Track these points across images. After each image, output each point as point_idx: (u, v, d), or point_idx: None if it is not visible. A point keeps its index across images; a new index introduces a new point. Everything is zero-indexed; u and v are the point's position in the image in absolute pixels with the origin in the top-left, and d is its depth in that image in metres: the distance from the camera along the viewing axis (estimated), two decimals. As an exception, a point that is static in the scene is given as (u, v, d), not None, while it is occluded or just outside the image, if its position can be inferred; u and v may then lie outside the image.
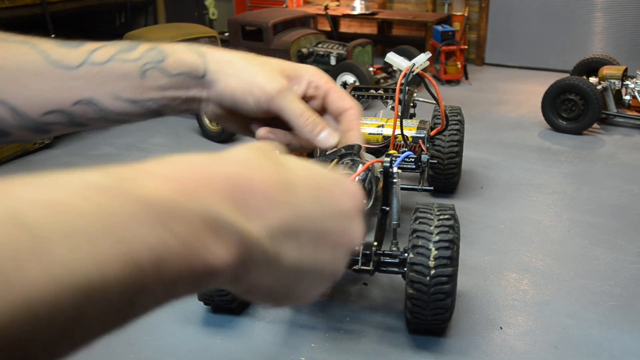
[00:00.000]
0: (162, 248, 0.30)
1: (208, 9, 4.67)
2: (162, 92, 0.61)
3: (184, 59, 0.60)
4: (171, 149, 2.59)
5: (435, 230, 1.21)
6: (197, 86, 0.62)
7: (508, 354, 1.30)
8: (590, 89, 2.64)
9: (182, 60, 0.60)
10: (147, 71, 0.59)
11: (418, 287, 1.21)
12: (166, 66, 0.59)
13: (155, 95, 0.61)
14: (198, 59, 0.60)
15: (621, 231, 1.84)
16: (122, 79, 0.58)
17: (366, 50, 3.44)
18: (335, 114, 0.68)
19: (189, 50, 0.61)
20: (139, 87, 0.59)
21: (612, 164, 2.42)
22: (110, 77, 0.58)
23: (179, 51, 0.60)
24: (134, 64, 0.58)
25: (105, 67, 0.57)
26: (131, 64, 0.58)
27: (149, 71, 0.59)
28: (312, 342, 1.33)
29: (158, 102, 0.61)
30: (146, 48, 0.59)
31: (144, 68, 0.59)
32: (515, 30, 4.15)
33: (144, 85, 0.59)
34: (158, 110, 0.63)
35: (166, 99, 0.61)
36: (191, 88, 0.62)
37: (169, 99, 0.62)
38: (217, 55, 0.61)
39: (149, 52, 0.59)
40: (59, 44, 0.56)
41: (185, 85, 0.61)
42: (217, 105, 0.64)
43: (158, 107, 0.62)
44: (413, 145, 1.58)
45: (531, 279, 1.59)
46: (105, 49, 0.58)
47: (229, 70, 0.61)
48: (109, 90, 0.58)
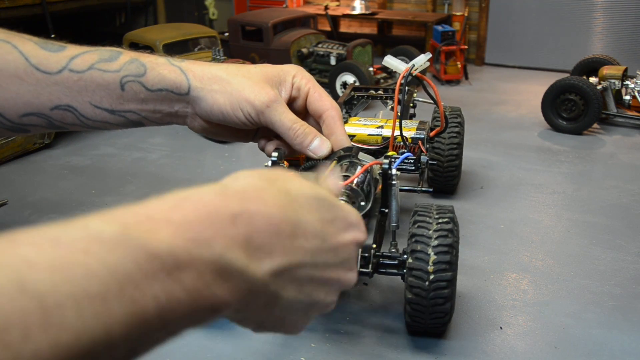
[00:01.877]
0: (169, 300, 0.29)
1: (208, 9, 4.67)
2: (142, 105, 0.60)
3: (165, 74, 0.59)
4: (171, 149, 2.59)
5: (434, 235, 1.20)
6: (181, 102, 0.61)
7: (508, 354, 1.30)
8: (590, 89, 2.64)
9: (162, 76, 0.59)
10: (127, 84, 0.58)
11: (417, 292, 1.21)
12: (146, 81, 0.58)
13: (134, 107, 0.60)
14: (180, 76, 0.59)
15: (621, 231, 1.84)
16: (102, 89, 0.57)
17: (366, 50, 3.44)
18: (315, 115, 0.67)
19: (171, 65, 0.60)
20: (119, 98, 0.58)
21: (612, 164, 2.42)
22: (89, 85, 0.57)
23: (160, 66, 0.59)
24: (113, 74, 0.57)
25: (85, 75, 0.56)
26: (111, 75, 0.57)
27: (128, 84, 0.58)
28: (311, 343, 1.33)
29: (138, 113, 0.61)
30: (127, 59, 0.58)
31: (124, 80, 0.58)
32: (515, 30, 4.14)
33: (124, 97, 0.59)
34: (139, 121, 0.62)
35: (147, 111, 0.61)
36: (174, 104, 0.61)
37: (150, 112, 0.61)
38: (199, 71, 0.60)
39: (129, 64, 0.58)
40: (41, 46, 0.55)
41: (167, 101, 0.60)
42: (205, 120, 0.63)
43: (138, 119, 0.61)
44: (412, 147, 1.58)
45: (531, 279, 1.59)
46: (85, 56, 0.57)
47: (214, 86, 0.60)
48: (88, 99, 0.58)
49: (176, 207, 0.33)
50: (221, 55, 3.02)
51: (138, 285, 0.28)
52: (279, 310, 0.39)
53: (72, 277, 0.25)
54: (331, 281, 0.42)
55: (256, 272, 0.35)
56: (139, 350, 0.29)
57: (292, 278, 0.38)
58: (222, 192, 0.36)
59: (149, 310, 0.28)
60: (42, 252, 0.25)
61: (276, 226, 0.37)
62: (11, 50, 0.54)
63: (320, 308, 0.43)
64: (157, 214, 0.32)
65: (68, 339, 0.24)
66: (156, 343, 0.31)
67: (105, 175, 2.34)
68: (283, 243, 0.37)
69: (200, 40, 3.19)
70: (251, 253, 0.35)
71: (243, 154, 2.48)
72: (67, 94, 0.56)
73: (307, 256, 0.39)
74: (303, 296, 0.40)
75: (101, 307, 0.26)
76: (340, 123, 0.67)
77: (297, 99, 0.66)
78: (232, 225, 0.34)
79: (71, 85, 0.56)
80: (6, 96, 0.55)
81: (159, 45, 2.96)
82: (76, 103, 0.57)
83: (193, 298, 0.31)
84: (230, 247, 0.33)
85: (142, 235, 0.29)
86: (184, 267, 0.30)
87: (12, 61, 0.54)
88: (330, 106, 0.66)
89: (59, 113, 0.57)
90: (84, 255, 0.26)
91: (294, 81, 0.64)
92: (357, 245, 0.44)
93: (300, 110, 0.67)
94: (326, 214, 0.42)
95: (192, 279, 0.31)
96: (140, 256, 0.28)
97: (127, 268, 0.28)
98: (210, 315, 0.33)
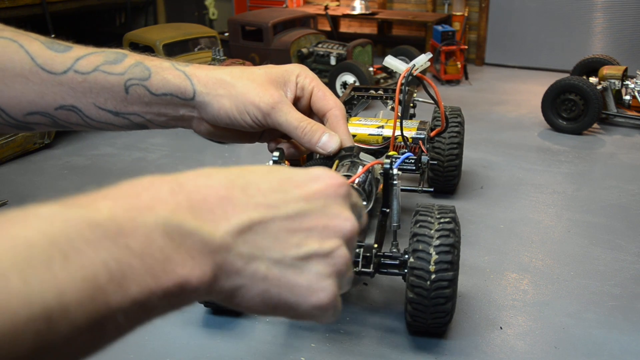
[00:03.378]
0: (119, 266, 0.30)
1: (208, 9, 4.67)
2: (146, 108, 0.60)
3: (170, 79, 0.59)
4: (171, 149, 2.59)
5: (436, 234, 1.21)
6: (186, 107, 0.61)
7: (508, 354, 1.30)
8: (590, 89, 2.64)
9: (167, 81, 0.59)
10: (131, 87, 0.58)
11: (418, 292, 1.21)
12: (150, 85, 0.59)
13: (139, 110, 0.60)
14: (184, 81, 0.60)
15: (621, 231, 1.84)
16: (106, 91, 0.58)
17: (366, 50, 3.44)
18: (319, 114, 0.67)
19: (176, 70, 0.60)
20: (123, 101, 0.59)
21: (612, 164, 2.42)
22: (94, 87, 0.57)
23: (164, 70, 0.59)
24: (118, 77, 0.58)
25: (90, 76, 0.57)
26: (115, 77, 0.57)
27: (132, 87, 0.58)
28: (312, 343, 1.34)
29: (142, 116, 0.61)
30: (132, 62, 0.58)
31: (128, 84, 0.58)
32: (515, 30, 4.15)
33: (128, 100, 0.59)
34: (143, 124, 0.62)
35: (151, 114, 0.61)
36: (179, 108, 0.61)
37: (154, 115, 0.61)
38: (203, 75, 0.60)
39: (134, 67, 0.58)
40: (47, 46, 0.56)
41: (172, 105, 0.61)
42: (211, 124, 0.63)
43: (142, 121, 0.62)
44: (413, 147, 1.58)
45: (531, 279, 1.59)
46: (91, 57, 0.57)
47: (219, 90, 0.60)
48: (93, 100, 0.58)
49: (128, 185, 0.35)
50: (221, 55, 3.02)
51: (82, 252, 0.28)
52: (265, 269, 0.37)
53: (13, 248, 0.26)
54: (317, 229, 0.40)
55: (214, 234, 0.35)
56: (108, 325, 0.30)
57: (264, 233, 0.38)
58: (160, 175, 0.37)
59: (100, 276, 0.28)
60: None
61: (224, 191, 0.37)
62: (18, 50, 0.54)
63: (326, 259, 0.40)
64: (109, 193, 0.34)
65: (18, 304, 0.25)
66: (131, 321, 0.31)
67: (105, 175, 2.34)
68: (238, 204, 0.37)
69: (200, 40, 3.18)
70: (201, 216, 0.35)
71: (243, 154, 2.48)
72: (72, 94, 0.57)
73: (271, 210, 0.38)
74: (289, 249, 0.38)
75: (46, 274, 0.26)
76: (344, 122, 0.67)
77: (301, 98, 0.66)
78: (172, 195, 0.35)
79: (76, 86, 0.56)
80: (11, 95, 0.55)
81: (159, 45, 2.96)
82: (80, 104, 0.57)
83: (148, 264, 0.31)
84: (175, 211, 0.34)
85: (87, 210, 0.31)
86: (128, 232, 0.31)
87: (18, 60, 0.54)
88: (334, 105, 0.66)
89: (63, 113, 0.58)
90: (24, 229, 0.28)
91: (298, 80, 0.64)
92: (332, 191, 0.42)
93: (305, 109, 0.67)
94: (281, 175, 0.41)
95: (141, 243, 0.31)
96: (80, 225, 0.29)
97: (69, 237, 0.28)
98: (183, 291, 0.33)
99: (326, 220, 0.41)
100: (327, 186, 0.42)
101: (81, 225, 0.29)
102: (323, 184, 0.42)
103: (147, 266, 0.31)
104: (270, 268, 0.38)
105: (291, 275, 0.39)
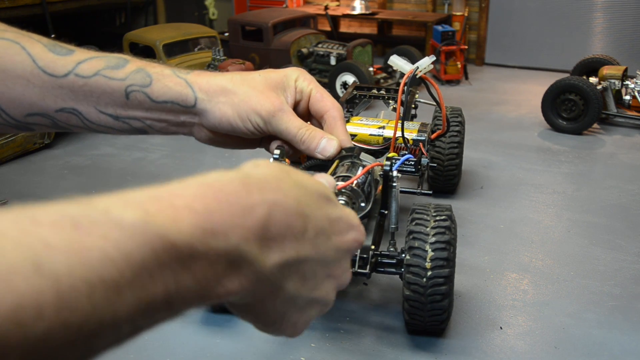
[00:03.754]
0: (178, 288, 0.30)
1: (208, 9, 4.67)
2: (147, 114, 0.60)
3: (171, 87, 0.59)
4: (171, 149, 2.59)
5: (432, 232, 1.21)
6: (187, 114, 0.62)
7: (508, 354, 1.31)
8: (590, 89, 2.64)
9: (168, 88, 0.59)
10: (132, 93, 0.58)
11: (415, 289, 1.21)
12: (151, 92, 0.59)
13: (139, 115, 0.60)
14: (186, 89, 0.60)
15: (621, 231, 1.84)
16: (107, 95, 0.58)
17: (366, 50, 3.44)
18: (317, 116, 0.68)
19: (177, 78, 0.60)
20: (123, 106, 0.59)
21: (612, 164, 2.42)
22: (94, 91, 0.57)
23: (165, 77, 0.59)
24: (119, 82, 0.58)
25: (91, 80, 0.57)
26: (116, 82, 0.58)
27: (133, 93, 0.58)
28: (311, 342, 1.34)
29: (142, 121, 0.61)
30: (133, 68, 0.58)
31: (129, 90, 0.58)
32: (515, 30, 4.15)
33: (129, 105, 0.59)
34: (143, 129, 0.62)
35: (151, 119, 0.61)
36: (180, 115, 0.62)
37: (155, 120, 0.61)
38: (204, 83, 0.60)
39: (135, 73, 0.58)
40: (49, 49, 0.56)
41: (173, 112, 0.61)
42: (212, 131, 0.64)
43: (143, 126, 0.62)
44: (413, 148, 1.58)
45: (531, 279, 1.59)
46: (92, 61, 0.57)
47: (220, 98, 0.60)
48: (93, 104, 0.58)
49: (199, 195, 0.33)
50: (221, 55, 3.02)
51: (151, 274, 0.28)
52: (280, 303, 0.39)
53: (88, 262, 0.26)
54: (333, 278, 0.43)
55: (265, 263, 0.36)
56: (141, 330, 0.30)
57: (297, 271, 0.39)
58: (243, 181, 0.36)
59: (157, 297, 0.29)
60: (60, 234, 0.26)
61: (291, 218, 0.38)
62: (19, 51, 0.54)
63: (320, 307, 0.44)
64: (180, 201, 0.32)
65: (77, 320, 0.25)
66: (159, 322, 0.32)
67: (105, 175, 2.34)
68: (294, 235, 0.38)
69: (200, 40, 3.19)
70: (264, 243, 0.36)
71: (243, 153, 2.48)
72: (73, 97, 0.57)
73: (313, 251, 0.40)
74: (305, 291, 0.41)
75: (113, 292, 0.26)
76: (342, 123, 0.67)
77: (300, 101, 0.66)
78: (251, 215, 0.35)
79: (76, 90, 0.57)
80: (12, 96, 0.55)
81: (159, 45, 2.96)
82: (81, 107, 0.58)
83: (202, 286, 0.31)
84: (246, 239, 0.34)
85: (163, 224, 0.30)
86: (198, 257, 0.31)
87: (19, 62, 0.54)
88: (332, 106, 0.66)
89: (63, 115, 0.58)
90: (103, 240, 0.27)
91: (296, 84, 0.65)
92: (356, 246, 0.45)
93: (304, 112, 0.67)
94: (332, 212, 0.43)
95: (204, 269, 0.31)
96: (158, 245, 0.29)
97: (144, 256, 0.28)
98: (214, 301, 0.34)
99: (340, 272, 0.44)
100: (355, 240, 0.45)
101: (158, 246, 0.29)
102: (354, 236, 0.44)
103: (200, 289, 0.32)
104: (282, 305, 0.40)
105: (293, 314, 0.41)
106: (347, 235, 0.44)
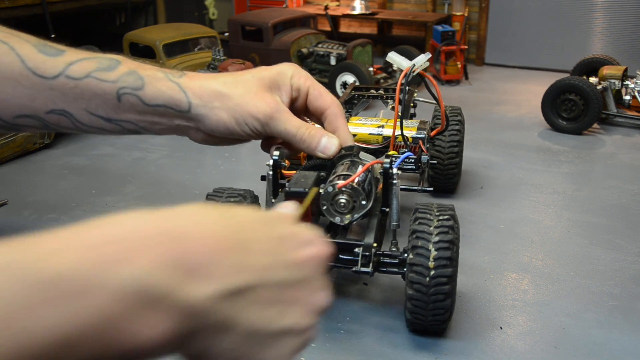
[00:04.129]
0: (70, 327, 0.27)
1: (208, 9, 4.67)
2: (140, 116, 0.59)
3: (164, 90, 0.58)
4: (171, 148, 2.59)
5: (435, 231, 1.21)
6: (181, 118, 0.60)
7: (508, 354, 1.30)
8: (590, 89, 2.64)
9: (161, 92, 0.58)
10: (124, 95, 0.57)
11: (418, 288, 1.21)
12: (144, 95, 0.57)
13: (132, 118, 0.59)
14: (179, 93, 0.58)
15: (621, 231, 1.84)
16: (98, 98, 0.56)
17: (366, 50, 3.44)
18: (317, 114, 0.66)
19: (169, 82, 0.59)
20: (115, 108, 0.58)
21: (612, 164, 2.42)
22: (85, 93, 0.56)
23: (158, 81, 0.58)
24: (110, 85, 0.56)
25: (82, 82, 0.55)
26: (108, 85, 0.56)
27: (125, 96, 0.57)
28: (311, 342, 1.33)
29: (135, 124, 0.60)
30: (125, 70, 0.57)
31: (121, 92, 0.57)
32: (515, 30, 4.14)
33: (121, 108, 0.58)
34: (136, 130, 0.61)
35: (145, 122, 0.60)
36: (174, 119, 0.60)
37: (148, 123, 0.60)
38: (197, 87, 0.59)
39: (127, 75, 0.57)
40: (39, 49, 0.54)
41: (166, 116, 0.60)
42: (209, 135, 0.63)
43: (135, 128, 0.61)
44: (413, 146, 1.58)
45: (531, 279, 1.59)
46: (83, 63, 0.56)
47: (215, 103, 0.59)
48: (84, 106, 0.57)
49: (101, 228, 0.31)
50: (221, 55, 3.02)
51: (27, 314, 0.26)
52: (240, 340, 0.35)
53: None
54: (300, 302, 0.39)
55: (194, 296, 0.32)
56: None
57: (251, 301, 0.35)
58: (149, 213, 0.33)
59: (44, 340, 0.26)
60: None
61: (218, 244, 0.34)
62: (8, 52, 0.53)
63: (297, 337, 0.40)
64: (65, 237, 0.30)
65: None
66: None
67: (105, 175, 2.34)
68: (229, 262, 0.34)
69: (200, 40, 3.18)
70: (185, 272, 0.32)
71: (243, 154, 2.49)
72: (63, 99, 0.56)
73: (261, 275, 0.36)
74: (267, 321, 0.36)
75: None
76: (343, 120, 0.66)
77: (297, 98, 0.65)
78: (158, 244, 0.31)
79: (67, 92, 0.55)
80: (0, 97, 0.54)
81: (159, 45, 2.96)
82: (72, 109, 0.56)
83: (112, 325, 0.29)
84: (157, 268, 0.30)
85: (41, 263, 0.28)
86: (86, 291, 0.28)
87: (8, 63, 0.53)
88: (332, 103, 0.65)
89: (54, 117, 0.57)
90: None
91: (292, 82, 0.63)
92: (319, 261, 0.41)
93: (302, 109, 0.66)
94: (273, 231, 0.39)
95: (103, 304, 0.28)
96: (32, 283, 0.26)
97: (15, 296, 0.26)
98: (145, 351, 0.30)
99: (309, 294, 0.40)
100: (318, 254, 0.41)
101: (31, 282, 0.27)
102: (315, 250, 0.41)
103: (106, 328, 0.29)
104: (243, 342, 0.36)
105: (260, 351, 0.37)
106: (303, 251, 0.40)
